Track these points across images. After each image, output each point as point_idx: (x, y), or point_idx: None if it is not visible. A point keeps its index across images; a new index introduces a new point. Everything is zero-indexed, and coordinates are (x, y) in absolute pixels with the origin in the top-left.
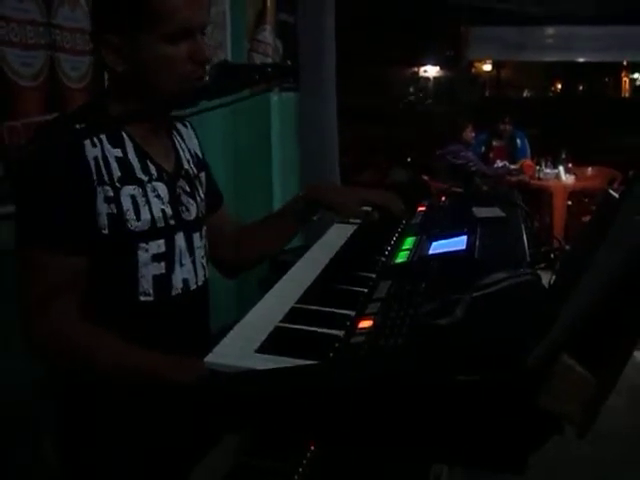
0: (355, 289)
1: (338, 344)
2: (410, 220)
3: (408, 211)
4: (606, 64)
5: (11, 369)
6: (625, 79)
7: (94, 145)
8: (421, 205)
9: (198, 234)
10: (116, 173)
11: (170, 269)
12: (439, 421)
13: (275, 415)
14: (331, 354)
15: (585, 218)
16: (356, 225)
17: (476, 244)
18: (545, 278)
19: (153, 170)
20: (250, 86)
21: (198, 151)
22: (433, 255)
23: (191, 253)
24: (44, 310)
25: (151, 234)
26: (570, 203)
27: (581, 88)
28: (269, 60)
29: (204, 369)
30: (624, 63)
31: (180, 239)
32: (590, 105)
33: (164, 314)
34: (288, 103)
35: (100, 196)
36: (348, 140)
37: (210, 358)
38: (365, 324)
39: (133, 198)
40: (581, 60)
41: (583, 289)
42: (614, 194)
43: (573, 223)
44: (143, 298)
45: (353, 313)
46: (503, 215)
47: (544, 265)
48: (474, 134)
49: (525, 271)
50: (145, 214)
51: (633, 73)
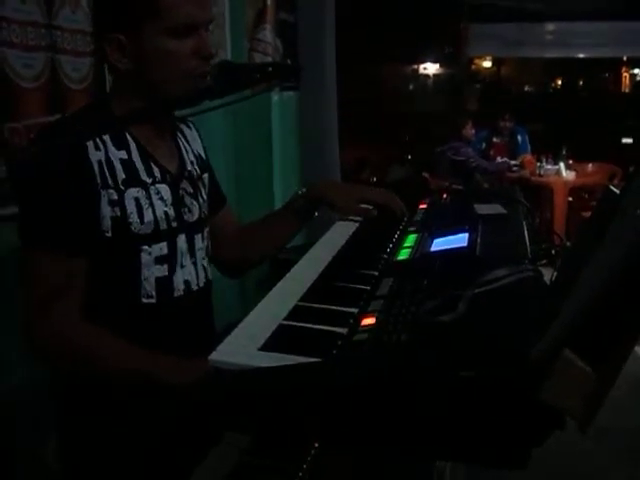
0: (358, 287)
1: (341, 341)
2: (412, 217)
3: (408, 209)
4: (606, 60)
5: (12, 369)
6: (625, 74)
7: (98, 148)
8: (423, 202)
9: (200, 235)
10: (120, 175)
11: (172, 271)
12: (442, 417)
13: (278, 413)
14: (334, 351)
15: (586, 214)
16: (358, 223)
17: (478, 241)
18: (547, 274)
19: (157, 172)
20: (251, 86)
21: (202, 152)
22: (435, 252)
23: (192, 255)
24: (46, 312)
25: (154, 237)
26: (571, 199)
27: (581, 84)
28: (269, 59)
29: (206, 369)
30: (624, 59)
31: (182, 241)
32: (590, 101)
33: (166, 316)
34: (289, 102)
35: (104, 199)
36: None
37: (214, 356)
38: (368, 321)
39: (137, 201)
40: (581, 56)
41: (584, 285)
42: (614, 190)
43: (574, 219)
44: (146, 300)
45: (356, 310)
46: (504, 212)
47: (546, 261)
48: (474, 131)
49: (527, 267)
50: (148, 217)
51: (633, 68)
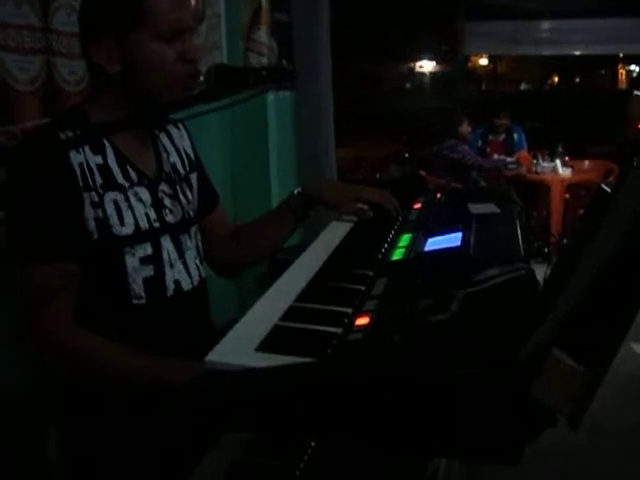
0: (353, 286)
1: (336, 341)
2: (406, 217)
3: (405, 208)
4: (602, 56)
5: (12, 369)
6: (621, 71)
7: (78, 152)
8: (417, 202)
9: (186, 235)
10: (98, 180)
11: (160, 272)
12: (436, 415)
13: (275, 412)
14: (329, 351)
15: (582, 211)
16: (353, 223)
17: (471, 240)
18: (541, 272)
19: (134, 175)
20: (245, 89)
21: (190, 151)
22: (429, 252)
23: (181, 255)
24: (40, 316)
25: (136, 238)
26: (567, 196)
27: (578, 81)
28: (264, 59)
29: (202, 369)
30: (620, 55)
31: (167, 241)
32: (587, 98)
33: (159, 316)
34: (285, 102)
35: (87, 201)
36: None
37: (211, 357)
38: (362, 321)
39: (116, 203)
40: (577, 53)
41: (573, 283)
42: (606, 188)
43: (571, 216)
44: (136, 301)
45: (351, 310)
46: (498, 211)
47: (541, 259)
48: (470, 129)
49: (519, 266)
50: (129, 218)
51: (629, 65)
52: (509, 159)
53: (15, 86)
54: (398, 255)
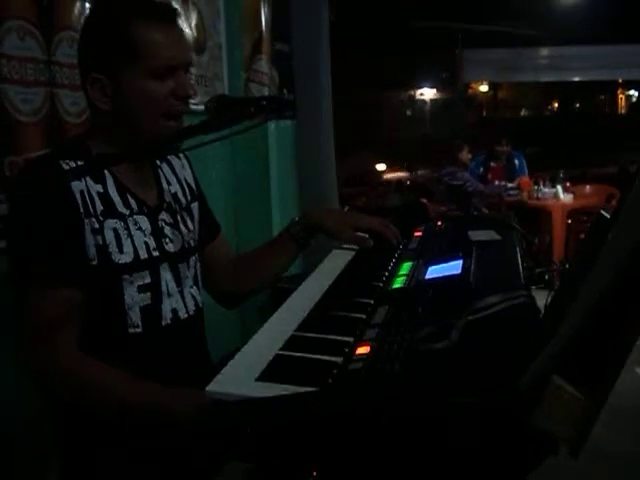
0: (354, 315)
1: (336, 371)
2: (407, 245)
3: (404, 236)
4: (601, 82)
5: (12, 394)
6: (621, 96)
7: (79, 180)
8: (418, 230)
9: (185, 264)
10: (99, 207)
11: (157, 300)
12: (437, 445)
13: (276, 442)
14: (330, 381)
15: (584, 236)
16: (354, 251)
17: (471, 268)
18: (542, 298)
19: (134, 204)
20: (246, 119)
21: (191, 181)
22: (429, 280)
23: (179, 284)
24: (42, 344)
25: (135, 267)
26: (569, 222)
27: (578, 106)
28: (266, 89)
29: (204, 399)
30: (619, 80)
31: (165, 270)
32: (587, 122)
33: (155, 345)
34: (286, 131)
35: (87, 228)
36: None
37: (212, 387)
38: (363, 350)
39: (115, 231)
40: (576, 79)
41: (574, 310)
42: (606, 214)
43: (573, 242)
44: (132, 330)
45: (351, 339)
46: (499, 238)
47: (542, 285)
48: (471, 155)
49: (519, 293)
50: (128, 247)
51: (629, 90)
52: (510, 185)
53: (18, 117)
54: (399, 283)
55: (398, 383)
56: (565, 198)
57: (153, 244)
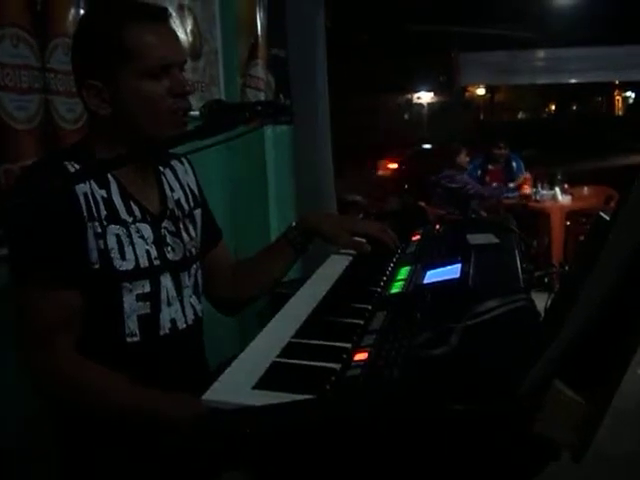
0: (351, 321)
1: (334, 377)
2: (405, 249)
3: (402, 240)
4: (598, 84)
5: (12, 394)
6: (618, 97)
7: (84, 182)
8: (416, 234)
9: (186, 273)
10: (103, 211)
11: (156, 309)
12: (436, 451)
13: (274, 451)
14: (327, 388)
15: (583, 238)
16: (352, 256)
17: (470, 272)
18: (542, 301)
19: (137, 211)
20: (242, 124)
21: (194, 187)
22: (428, 284)
23: (179, 293)
24: (42, 346)
25: (135, 274)
26: (568, 223)
27: (575, 108)
28: (262, 94)
29: (201, 407)
30: (616, 82)
31: (166, 279)
32: (584, 124)
33: (153, 355)
34: (282, 136)
35: (90, 231)
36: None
37: (208, 395)
38: (361, 356)
39: (118, 237)
40: (573, 81)
41: (574, 314)
42: (605, 216)
43: (572, 243)
44: (129, 339)
45: (349, 345)
46: (497, 241)
47: (542, 288)
48: (468, 158)
49: (518, 297)
50: (129, 254)
51: (626, 91)
52: (511, 184)
53: (13, 125)
54: (397, 288)
55: (397, 390)
56: (563, 200)
57: (155, 253)
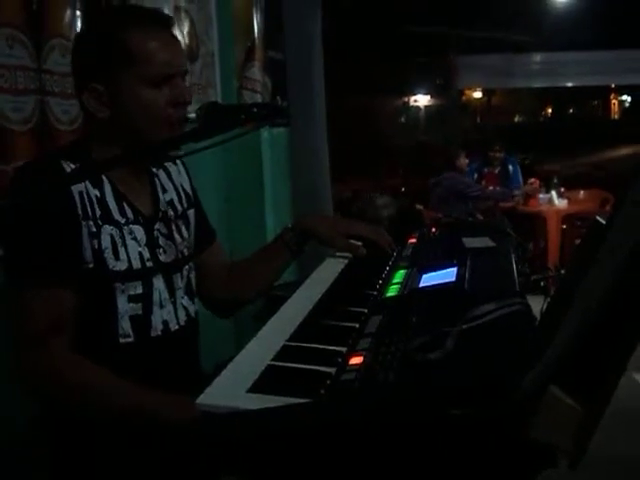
0: (347, 325)
1: (329, 381)
2: (401, 252)
3: (398, 243)
4: (594, 87)
5: (10, 399)
6: (614, 101)
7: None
8: (412, 237)
9: (179, 275)
10: (97, 211)
11: (148, 310)
12: (432, 456)
13: (269, 455)
14: (322, 392)
15: (579, 241)
16: (347, 259)
17: (466, 275)
18: (538, 304)
19: (129, 213)
20: (238, 126)
21: (188, 188)
22: (423, 288)
23: (171, 294)
24: (37, 346)
25: (127, 276)
26: (564, 227)
27: (571, 112)
28: (258, 97)
29: (197, 410)
30: (612, 86)
31: (159, 281)
32: (581, 128)
33: (145, 355)
34: (279, 138)
35: (85, 230)
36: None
37: (202, 399)
38: (356, 360)
39: (112, 238)
40: (569, 85)
41: (570, 318)
42: (601, 220)
43: (568, 247)
44: (123, 340)
45: (344, 349)
46: (493, 245)
47: (538, 292)
48: (467, 161)
49: (514, 301)
50: (122, 255)
51: (622, 95)
52: (517, 192)
53: (8, 126)
54: (393, 291)
55: (392, 394)
56: (560, 204)
57: (147, 255)
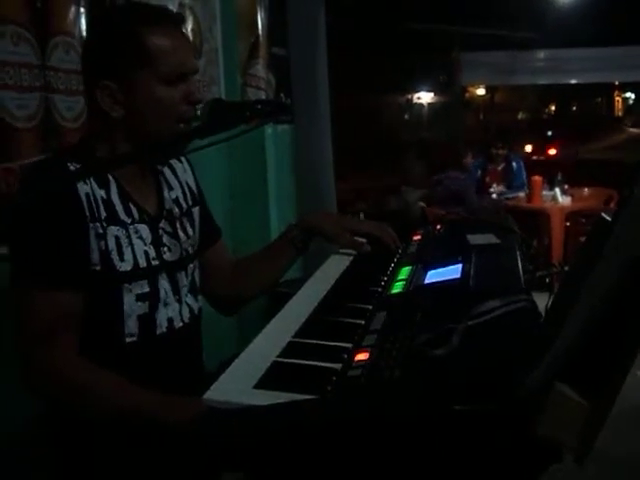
0: (352, 321)
1: (335, 377)
2: (406, 249)
3: (403, 240)
4: (598, 84)
5: (11, 399)
6: (617, 98)
7: (85, 182)
8: (416, 234)
9: (183, 273)
10: (103, 213)
11: (154, 309)
12: (437, 452)
13: (274, 451)
14: (328, 388)
15: (583, 239)
16: (352, 256)
17: (471, 272)
18: (543, 301)
19: (135, 212)
20: (242, 123)
21: (193, 185)
22: (429, 284)
23: (176, 292)
24: (42, 347)
25: (134, 275)
26: (568, 224)
27: (575, 108)
28: (262, 94)
29: (202, 407)
30: (616, 83)
31: (164, 279)
32: (584, 124)
33: (149, 354)
34: (283, 135)
35: (92, 232)
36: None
37: (209, 395)
38: (362, 356)
39: (117, 239)
40: (573, 82)
41: (575, 314)
42: (606, 217)
43: (572, 244)
44: (128, 339)
45: (350, 345)
46: (498, 242)
47: (544, 289)
48: (472, 160)
49: (520, 297)
50: (128, 255)
51: (625, 92)
52: (522, 194)
53: (13, 123)
54: (398, 288)
55: (398, 390)
56: (563, 201)
57: (153, 253)
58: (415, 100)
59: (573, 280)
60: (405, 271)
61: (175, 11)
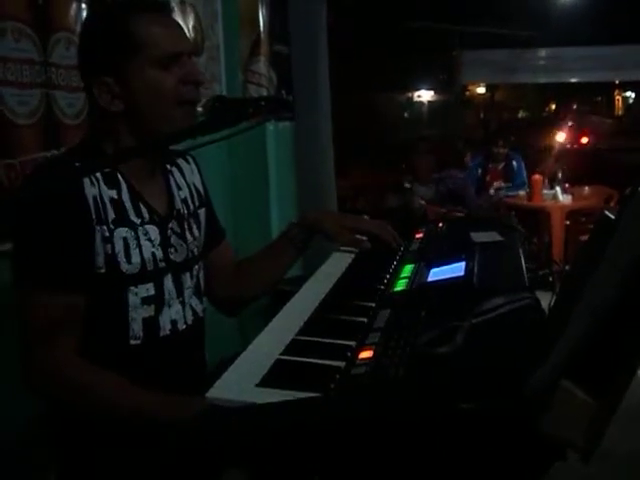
0: (355, 319)
1: (339, 376)
2: (408, 247)
3: (403, 238)
4: (598, 83)
5: (11, 399)
6: (618, 97)
7: (92, 184)
8: (419, 232)
9: (188, 274)
10: (110, 215)
11: (158, 311)
12: (442, 450)
13: (277, 449)
14: (332, 386)
15: (584, 237)
16: (354, 254)
17: (475, 270)
18: (546, 300)
19: (145, 213)
20: (244, 120)
21: (200, 186)
22: (432, 282)
23: (180, 294)
24: (44, 347)
25: (140, 278)
26: (568, 223)
27: (575, 107)
28: (264, 91)
29: (204, 405)
30: (616, 82)
31: (169, 281)
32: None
33: (152, 356)
34: (284, 132)
35: (98, 235)
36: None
37: (211, 393)
38: (365, 354)
39: (125, 240)
40: (573, 80)
41: (580, 313)
42: (610, 215)
43: (572, 243)
44: (133, 342)
45: (354, 343)
46: (501, 239)
47: (547, 287)
48: (471, 158)
49: (524, 295)
50: (136, 257)
51: (625, 91)
52: (522, 192)
53: (14, 120)
54: (401, 286)
55: (402, 388)
56: (564, 199)
57: (160, 255)
58: (415, 98)
59: (576, 278)
60: (408, 269)
61: (174, 7)
